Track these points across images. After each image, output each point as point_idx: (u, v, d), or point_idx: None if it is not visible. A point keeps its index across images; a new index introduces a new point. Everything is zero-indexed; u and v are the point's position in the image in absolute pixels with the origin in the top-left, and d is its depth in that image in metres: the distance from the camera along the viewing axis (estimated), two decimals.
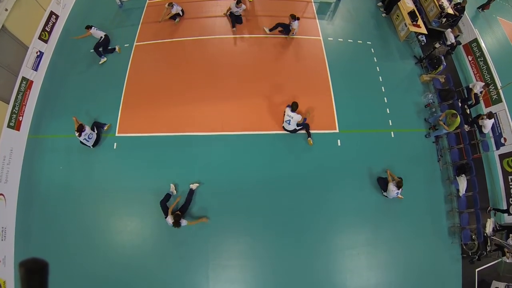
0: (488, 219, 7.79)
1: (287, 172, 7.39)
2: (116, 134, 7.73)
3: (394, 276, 6.80)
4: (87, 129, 7.08)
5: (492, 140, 8.56)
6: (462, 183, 7.55)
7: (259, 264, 6.64)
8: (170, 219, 6.20)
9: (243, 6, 9.03)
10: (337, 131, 7.98)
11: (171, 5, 9.04)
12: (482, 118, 8.13)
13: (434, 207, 7.62)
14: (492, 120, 8.14)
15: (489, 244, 7.40)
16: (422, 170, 7.95)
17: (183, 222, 6.19)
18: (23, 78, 7.96)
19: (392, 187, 6.90)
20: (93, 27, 8.55)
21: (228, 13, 9.31)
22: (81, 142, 7.24)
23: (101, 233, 6.81)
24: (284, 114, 7.39)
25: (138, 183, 7.17)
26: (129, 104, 8.13)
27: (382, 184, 7.32)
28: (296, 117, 7.19)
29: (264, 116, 8.01)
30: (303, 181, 7.33)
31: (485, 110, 9.15)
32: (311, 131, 7.77)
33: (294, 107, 7.14)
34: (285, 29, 9.07)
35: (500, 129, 8.58)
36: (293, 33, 9.12)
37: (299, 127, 7.58)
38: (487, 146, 8.40)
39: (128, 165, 7.42)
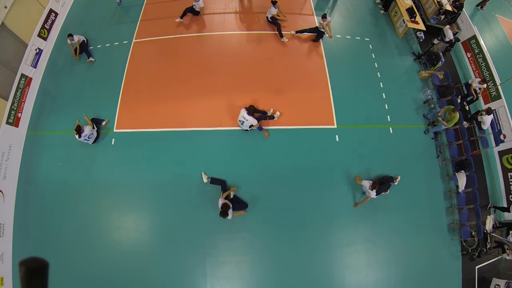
0: (488, 216, 7.73)
1: (285, 167, 7.38)
2: (114, 130, 7.74)
3: (393, 273, 6.76)
4: (87, 130, 7.08)
5: (491, 136, 8.53)
6: (462, 179, 7.50)
7: (257, 260, 6.62)
8: (220, 202, 6.12)
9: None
10: (335, 126, 7.96)
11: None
12: (481, 114, 8.09)
13: (434, 203, 7.57)
14: (491, 116, 8.08)
15: (489, 241, 7.34)
16: (421, 167, 7.91)
17: (230, 214, 6.05)
18: (22, 75, 7.99)
19: (366, 182, 6.76)
20: (74, 35, 8.48)
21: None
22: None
23: (98, 228, 6.81)
24: (240, 114, 7.21)
25: (136, 179, 7.18)
26: (127, 100, 8.15)
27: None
28: (251, 121, 7.04)
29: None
30: (301, 177, 7.31)
31: (484, 107, 9.05)
32: (307, 126, 7.81)
33: (250, 110, 6.99)
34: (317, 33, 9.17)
35: (500, 125, 8.53)
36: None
37: (250, 129, 7.47)
38: (486, 142, 8.36)
39: (126, 161, 7.42)
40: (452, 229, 7.40)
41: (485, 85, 8.60)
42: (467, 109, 9.05)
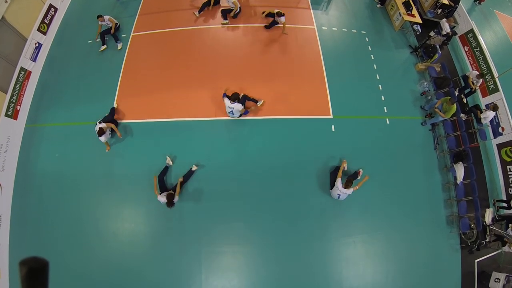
0: (487, 209, 7.62)
1: (281, 157, 7.35)
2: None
3: (391, 265, 6.67)
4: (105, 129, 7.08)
5: (490, 129, 8.46)
6: (460, 170, 7.41)
7: (252, 251, 6.56)
8: (162, 198, 6.16)
9: None
10: (331, 116, 7.95)
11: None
12: (486, 110, 8.06)
13: (432, 195, 7.49)
14: (495, 113, 8.06)
15: (488, 233, 7.25)
16: (419, 158, 7.86)
17: (176, 199, 6.22)
18: (22, 69, 8.10)
19: (338, 183, 6.52)
20: (105, 16, 8.72)
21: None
22: None
23: (94, 220, 6.80)
24: (225, 105, 7.26)
25: (132, 169, 7.20)
26: (125, 91, 8.22)
27: (333, 178, 6.99)
28: (237, 107, 7.13)
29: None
30: (296, 167, 7.27)
31: (482, 100, 9.08)
32: (303, 117, 7.86)
33: (233, 97, 7.03)
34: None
35: (498, 118, 8.46)
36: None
37: (240, 116, 7.60)
38: (484, 135, 8.28)
39: (123, 151, 7.45)
40: (451, 221, 7.30)
41: (481, 80, 8.55)
42: (465, 101, 9.00)
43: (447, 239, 7.15)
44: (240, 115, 7.60)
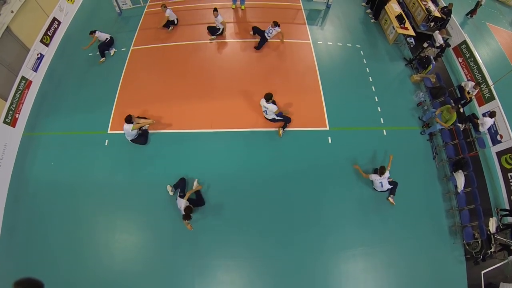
0: (491, 218, 7.41)
1: (277, 169, 7.27)
2: (108, 132, 7.80)
3: (392, 279, 6.39)
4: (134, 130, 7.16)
5: (488, 137, 8.43)
6: (460, 178, 7.28)
7: (247, 264, 6.34)
8: (183, 204, 6.04)
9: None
10: (327, 128, 7.95)
11: (164, 7, 9.50)
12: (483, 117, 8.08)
13: (433, 206, 7.32)
14: (493, 119, 8.06)
15: (493, 243, 7.00)
16: (417, 168, 7.76)
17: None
18: (23, 78, 8.22)
19: (373, 176, 6.81)
20: (97, 31, 9.04)
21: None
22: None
23: (87, 231, 6.61)
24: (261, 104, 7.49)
25: (128, 181, 7.11)
26: (123, 102, 8.30)
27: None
28: (272, 107, 7.26)
29: (253, 115, 8.06)
30: (293, 179, 7.18)
31: (479, 109, 9.12)
32: (299, 128, 7.84)
33: (267, 97, 7.22)
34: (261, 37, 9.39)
35: (496, 126, 8.44)
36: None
37: (279, 118, 7.64)
38: (483, 142, 8.23)
39: (118, 162, 7.40)
40: (454, 232, 7.08)
41: (477, 90, 8.62)
42: (462, 111, 9.02)
43: (450, 250, 6.90)
44: (275, 120, 7.67)
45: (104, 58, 9.28)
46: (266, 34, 9.17)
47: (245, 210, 6.79)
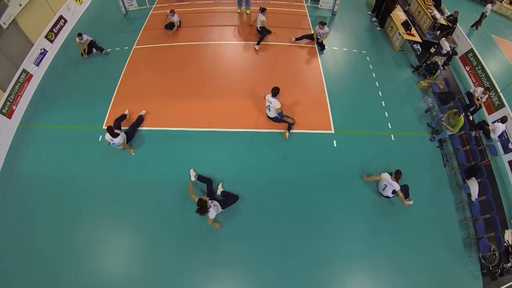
0: (506, 231, 6.93)
1: (279, 173, 6.90)
2: (103, 127, 7.54)
3: None
4: (108, 138, 6.76)
5: (499, 144, 8.11)
6: (473, 186, 6.85)
7: (245, 275, 5.81)
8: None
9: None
10: (332, 131, 7.65)
11: (172, 12, 9.62)
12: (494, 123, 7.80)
13: (445, 217, 6.82)
14: (504, 125, 7.75)
15: (511, 256, 6.49)
16: (427, 177, 7.34)
17: (212, 212, 5.58)
18: (24, 70, 8.16)
19: (386, 175, 6.39)
20: (83, 35, 8.99)
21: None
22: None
23: (73, 230, 6.15)
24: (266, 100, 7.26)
25: (119, 177, 6.78)
26: (121, 98, 8.15)
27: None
28: (275, 103, 7.01)
29: (257, 115, 7.84)
30: (296, 183, 6.79)
31: (488, 117, 8.87)
32: (303, 131, 7.56)
33: (274, 92, 7.01)
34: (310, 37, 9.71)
35: (507, 134, 8.13)
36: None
37: (281, 117, 7.32)
38: (495, 150, 7.89)
39: (111, 158, 7.08)
40: (468, 244, 6.55)
41: (486, 96, 8.41)
42: (471, 119, 8.76)
43: (465, 265, 6.34)
44: (277, 119, 7.41)
45: (107, 50, 9.34)
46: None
47: (245, 216, 6.33)
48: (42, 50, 8.88)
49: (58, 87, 8.67)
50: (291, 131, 7.48)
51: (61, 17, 9.55)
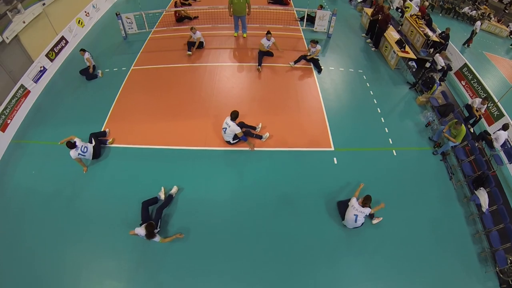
0: None
1: (278, 192, 6.65)
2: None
3: None
4: (78, 142, 6.65)
5: (502, 153, 7.94)
6: (483, 196, 6.59)
7: None
8: (141, 231, 5.25)
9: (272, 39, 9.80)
10: (332, 149, 7.56)
11: (193, 30, 10.01)
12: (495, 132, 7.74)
13: (455, 231, 6.45)
14: (506, 132, 7.68)
15: None
16: (434, 191, 7.07)
17: (156, 237, 5.29)
18: (21, 86, 8.30)
19: (354, 201, 5.81)
20: (86, 52, 9.28)
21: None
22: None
23: (58, 245, 5.81)
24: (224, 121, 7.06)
25: (107, 194, 6.56)
26: (116, 116, 8.22)
27: (341, 207, 6.25)
28: (233, 127, 6.78)
29: None
30: (295, 202, 6.51)
31: (489, 128, 8.85)
32: (302, 149, 7.49)
33: (233, 115, 6.81)
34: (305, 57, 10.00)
35: (510, 142, 8.01)
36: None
37: (235, 141, 7.20)
38: (500, 159, 7.77)
39: (103, 175, 6.93)
40: (484, 259, 6.15)
41: (486, 105, 8.42)
42: (472, 131, 8.69)
43: (483, 281, 5.89)
44: (235, 141, 7.25)
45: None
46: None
47: (235, 240, 5.92)
48: (42, 68, 9.08)
49: (54, 105, 8.79)
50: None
51: (62, 38, 9.92)
